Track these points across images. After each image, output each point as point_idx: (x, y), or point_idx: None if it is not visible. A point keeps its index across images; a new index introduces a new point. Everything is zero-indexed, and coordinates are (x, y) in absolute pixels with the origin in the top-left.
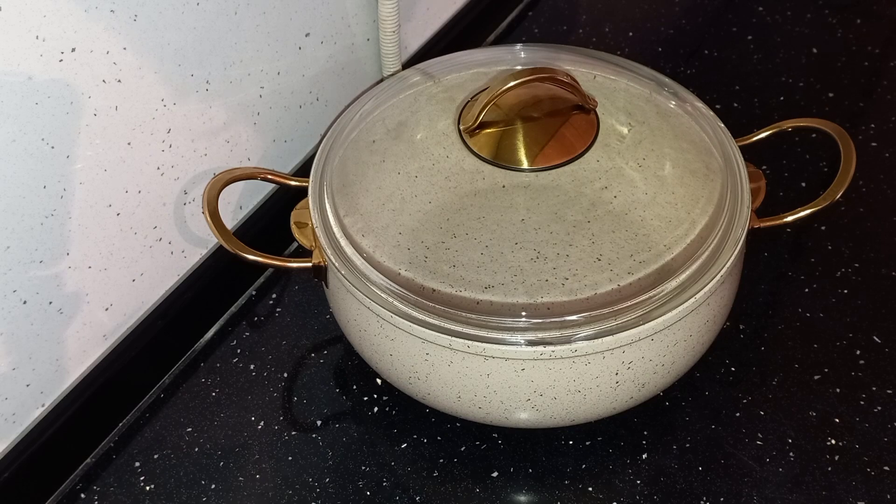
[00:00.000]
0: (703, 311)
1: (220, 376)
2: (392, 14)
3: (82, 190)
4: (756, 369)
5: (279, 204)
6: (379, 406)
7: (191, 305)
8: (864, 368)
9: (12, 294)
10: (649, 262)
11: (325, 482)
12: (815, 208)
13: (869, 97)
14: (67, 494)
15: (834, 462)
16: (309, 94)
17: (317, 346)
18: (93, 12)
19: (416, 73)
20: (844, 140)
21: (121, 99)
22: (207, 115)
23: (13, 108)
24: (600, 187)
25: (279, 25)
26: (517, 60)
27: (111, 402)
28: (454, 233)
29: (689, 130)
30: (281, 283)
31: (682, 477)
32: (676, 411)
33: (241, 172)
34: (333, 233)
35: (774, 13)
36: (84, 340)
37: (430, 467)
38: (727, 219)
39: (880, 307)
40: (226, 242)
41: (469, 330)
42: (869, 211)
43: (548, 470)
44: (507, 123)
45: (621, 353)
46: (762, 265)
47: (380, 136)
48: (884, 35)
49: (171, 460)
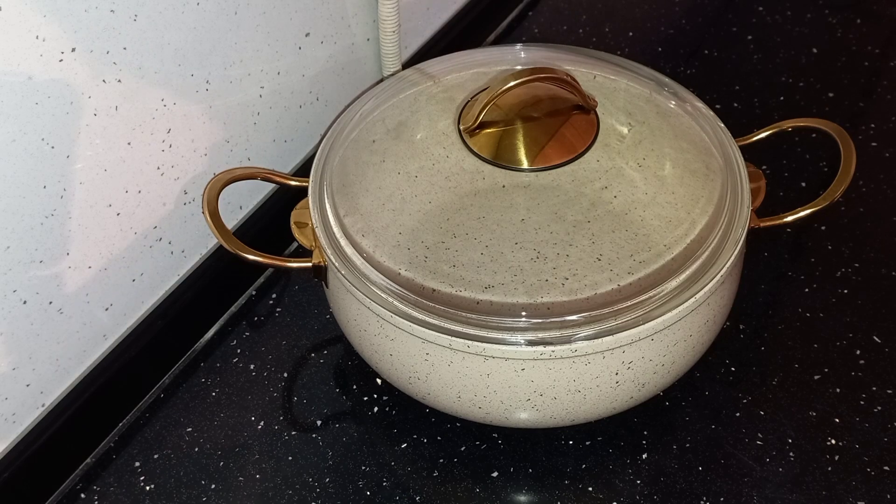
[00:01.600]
0: (703, 311)
1: (220, 376)
2: (392, 14)
3: (82, 190)
4: (756, 369)
5: (279, 204)
6: (379, 406)
7: (191, 305)
8: (864, 368)
9: (12, 294)
10: (649, 262)
11: (325, 482)
12: (815, 208)
13: (869, 97)
14: (67, 494)
15: (834, 462)
16: (309, 94)
17: (317, 346)
18: (93, 12)
19: (416, 73)
20: (844, 140)
21: (121, 99)
22: (207, 115)
23: (13, 108)
24: (600, 187)
25: (279, 25)
26: (517, 60)
27: (111, 402)
28: (454, 233)
29: (689, 130)
30: (281, 283)
31: (682, 477)
32: (676, 411)
33: (241, 172)
34: (333, 233)
35: (774, 13)
36: (84, 340)
37: (430, 467)
38: (727, 219)
39: (880, 307)
40: (226, 242)
41: (469, 330)
42: (869, 211)
43: (548, 470)
44: (507, 123)
45: (621, 353)
46: (762, 265)
47: (380, 136)
48: (884, 35)
49: (171, 460)
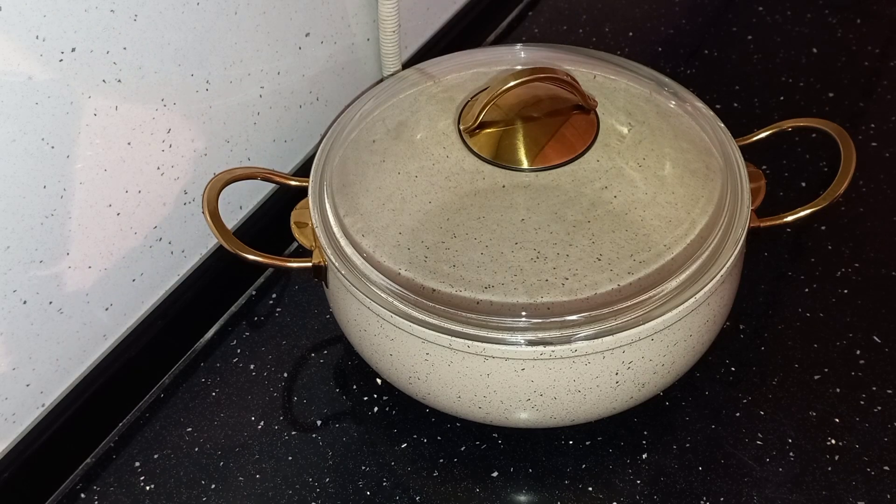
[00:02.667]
0: (703, 311)
1: (220, 376)
2: (392, 14)
3: (82, 190)
4: (756, 369)
5: (279, 204)
6: (379, 406)
7: (191, 305)
8: (864, 368)
9: (12, 294)
10: (649, 262)
11: (325, 482)
12: (815, 208)
13: (869, 97)
14: (67, 494)
15: (834, 462)
16: (309, 94)
17: (317, 346)
18: (93, 12)
19: (416, 73)
20: (844, 140)
21: (121, 99)
22: (207, 115)
23: (13, 108)
24: (600, 187)
25: (279, 25)
26: (517, 60)
27: (111, 402)
28: (454, 233)
29: (689, 130)
30: (281, 283)
31: (682, 477)
32: (676, 411)
33: (241, 172)
34: (333, 233)
35: (774, 13)
36: (84, 340)
37: (430, 467)
38: (727, 219)
39: (880, 307)
40: (226, 242)
41: (469, 330)
42: (869, 211)
43: (548, 470)
44: (507, 123)
45: (621, 353)
46: (762, 265)
47: (380, 136)
48: (884, 35)
49: (171, 460)
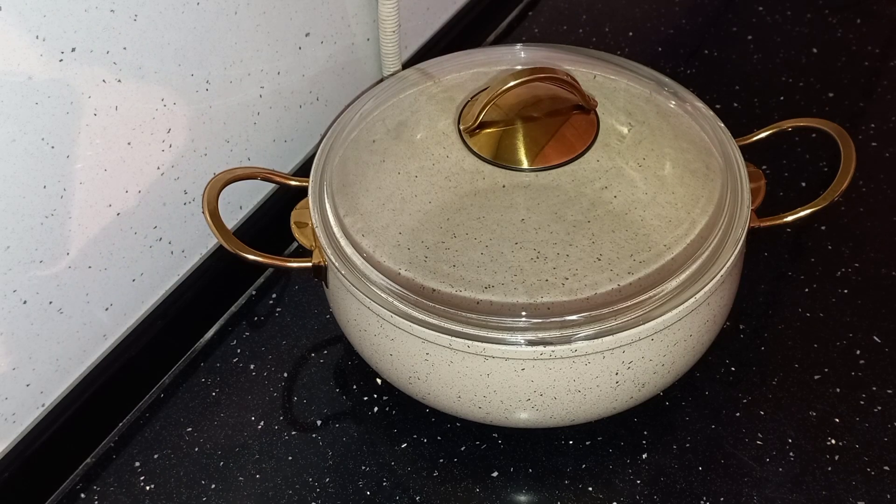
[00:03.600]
0: (703, 311)
1: (220, 376)
2: (392, 14)
3: (82, 190)
4: (756, 369)
5: (279, 204)
6: (379, 406)
7: (191, 305)
8: (864, 368)
9: (12, 294)
10: (649, 262)
11: (325, 482)
12: (815, 208)
13: (869, 97)
14: (67, 494)
15: (834, 462)
16: (309, 94)
17: (317, 346)
18: (93, 12)
19: (416, 73)
20: (844, 140)
21: (121, 99)
22: (207, 115)
23: (13, 108)
24: (600, 187)
25: (279, 25)
26: (517, 60)
27: (111, 402)
28: (454, 233)
29: (689, 130)
30: (281, 283)
31: (682, 477)
32: (676, 411)
33: (241, 172)
34: (333, 233)
35: (774, 13)
36: (84, 340)
37: (430, 467)
38: (727, 219)
39: (880, 307)
40: (226, 242)
41: (469, 330)
42: (869, 211)
43: (548, 470)
44: (507, 123)
45: (621, 353)
46: (762, 265)
47: (380, 135)
48: (884, 35)
49: (171, 460)
